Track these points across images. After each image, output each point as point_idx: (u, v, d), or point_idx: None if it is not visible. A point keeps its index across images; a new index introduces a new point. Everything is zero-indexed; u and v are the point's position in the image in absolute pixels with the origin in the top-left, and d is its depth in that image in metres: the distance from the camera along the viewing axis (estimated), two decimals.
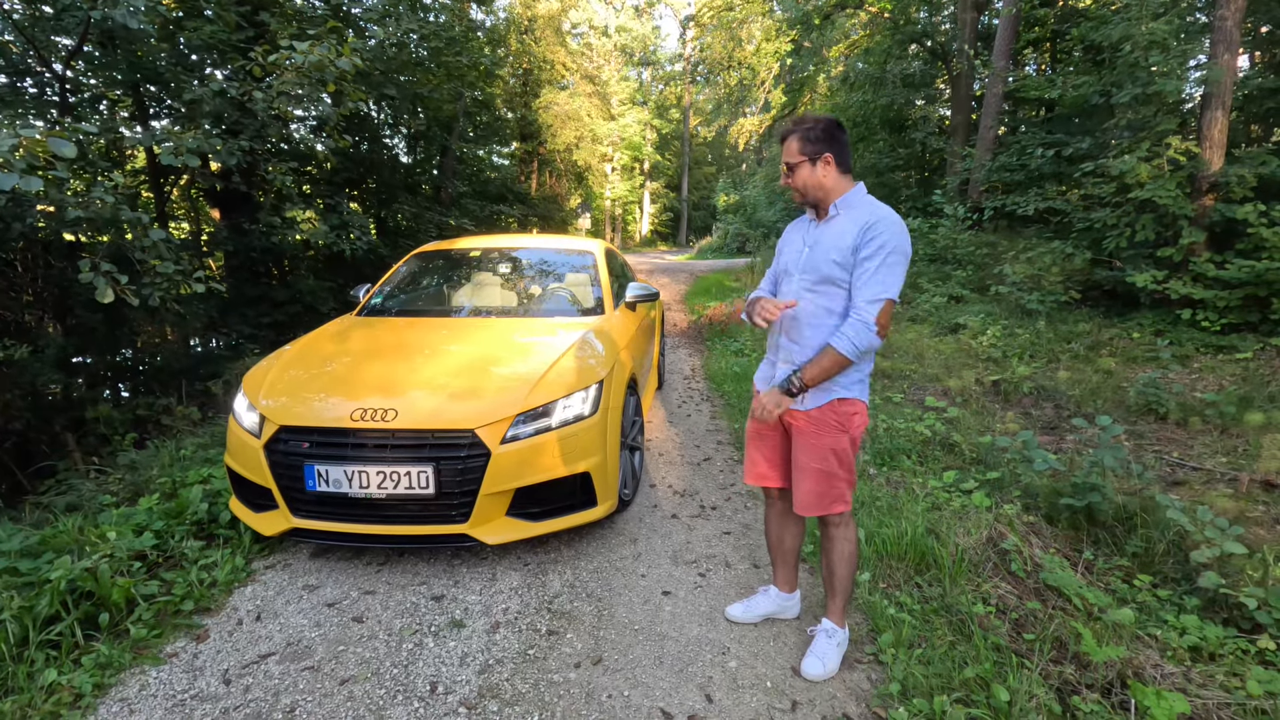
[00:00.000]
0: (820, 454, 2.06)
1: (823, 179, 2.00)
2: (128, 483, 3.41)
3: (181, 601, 2.50)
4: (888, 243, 1.89)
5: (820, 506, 2.09)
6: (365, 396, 2.72)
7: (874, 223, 1.90)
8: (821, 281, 2.01)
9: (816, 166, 1.99)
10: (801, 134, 2.00)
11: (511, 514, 2.72)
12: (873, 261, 1.89)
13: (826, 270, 1.98)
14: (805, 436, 2.08)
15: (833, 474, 2.06)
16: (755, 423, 2.27)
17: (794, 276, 2.10)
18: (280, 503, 2.71)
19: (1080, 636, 2.34)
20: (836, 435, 2.04)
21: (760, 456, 2.28)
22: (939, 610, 2.51)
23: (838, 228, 2.00)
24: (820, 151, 1.98)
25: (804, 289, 2.05)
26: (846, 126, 10.30)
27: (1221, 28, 6.45)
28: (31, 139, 2.76)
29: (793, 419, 2.11)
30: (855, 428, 2.06)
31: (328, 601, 2.57)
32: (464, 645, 2.30)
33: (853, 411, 2.04)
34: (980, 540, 3.04)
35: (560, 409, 2.79)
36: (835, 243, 1.98)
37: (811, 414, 2.06)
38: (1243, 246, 6.37)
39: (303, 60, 4.22)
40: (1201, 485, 4.01)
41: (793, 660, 2.27)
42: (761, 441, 2.27)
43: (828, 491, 2.08)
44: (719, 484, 3.81)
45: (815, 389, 2.02)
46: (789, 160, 2.03)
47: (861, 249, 1.91)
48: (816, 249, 2.03)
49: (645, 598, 2.61)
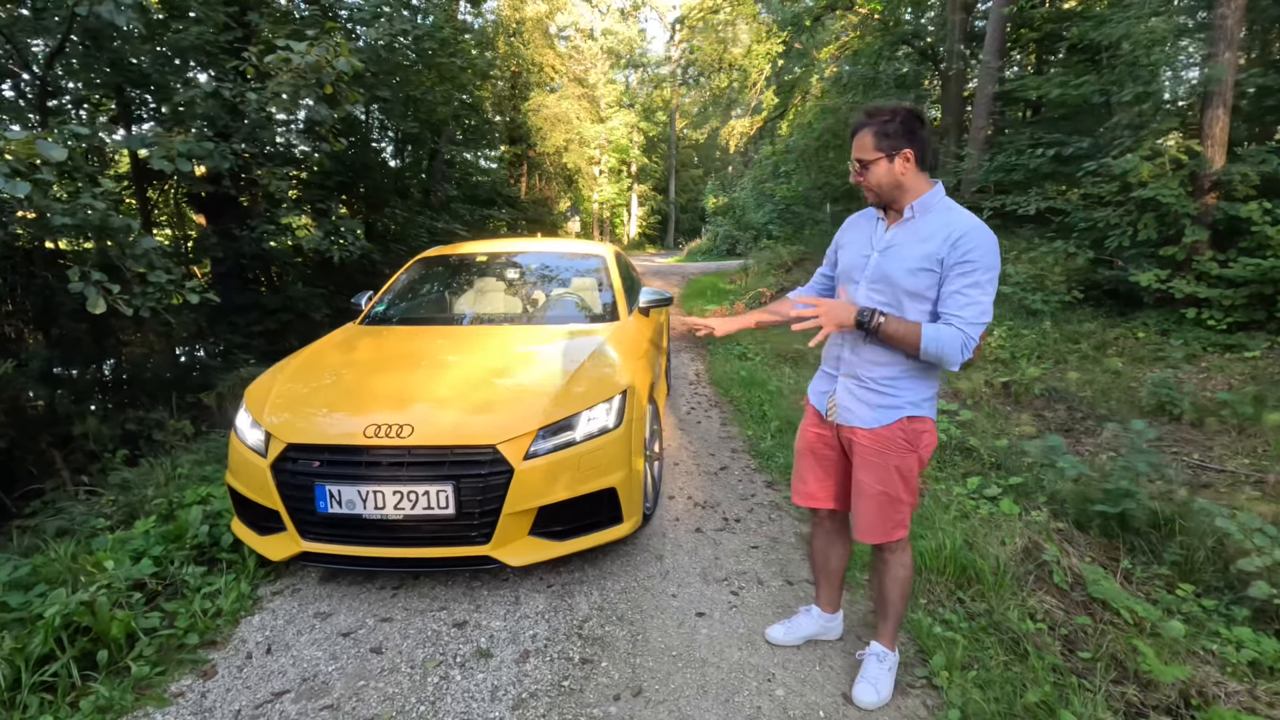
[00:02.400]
0: (884, 475, 1.91)
1: (901, 177, 1.80)
2: (121, 504, 3.22)
3: (185, 635, 2.34)
4: (983, 260, 1.72)
5: (882, 533, 1.96)
6: (378, 411, 2.57)
7: (965, 234, 1.73)
8: (892, 292, 1.84)
9: (895, 163, 1.79)
10: (877, 128, 1.79)
11: (534, 533, 2.58)
12: (966, 279, 1.72)
13: (901, 281, 1.81)
14: (869, 456, 1.93)
15: (896, 498, 1.92)
16: (808, 440, 2.12)
17: (858, 285, 1.92)
18: (288, 525, 2.55)
19: (1138, 653, 2.25)
20: (904, 454, 1.89)
21: (811, 475, 2.13)
22: (987, 628, 2.40)
23: (916, 233, 1.82)
24: (899, 147, 1.78)
25: (872, 298, 1.88)
26: (837, 129, 10.31)
27: (1222, 26, 6.44)
28: (19, 141, 2.58)
29: (854, 436, 1.96)
30: (925, 447, 1.92)
31: (342, 631, 2.42)
32: (493, 677, 2.15)
33: (923, 430, 1.90)
34: (1016, 551, 2.95)
35: (584, 422, 2.65)
36: (913, 251, 1.80)
37: (878, 432, 1.90)
38: (1246, 244, 6.36)
39: (300, 61, 4.05)
40: (1227, 488, 3.94)
41: (842, 686, 2.15)
42: (815, 459, 2.11)
43: (890, 517, 1.94)
44: (739, 494, 3.69)
45: (882, 406, 1.88)
46: (862, 157, 1.82)
47: (954, 264, 1.73)
48: (889, 256, 1.85)
49: (679, 620, 2.48)
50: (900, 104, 1.83)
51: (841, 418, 1.98)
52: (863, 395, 1.92)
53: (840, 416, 1.98)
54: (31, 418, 4.46)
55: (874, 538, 1.97)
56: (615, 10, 35.79)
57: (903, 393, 1.87)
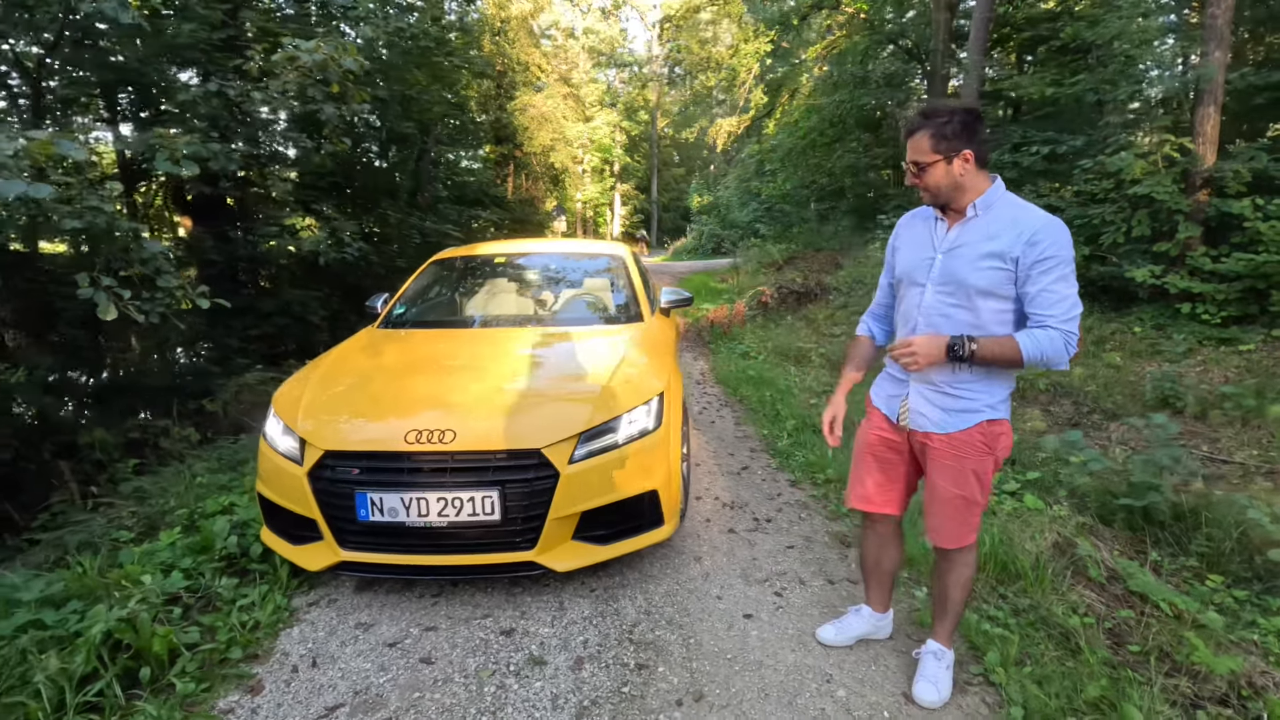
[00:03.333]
0: (962, 478, 1.88)
1: (960, 179, 1.77)
2: (140, 515, 3.14)
3: (227, 649, 2.28)
4: (1061, 253, 1.71)
5: (957, 538, 1.94)
6: (417, 416, 2.52)
7: (1039, 230, 1.71)
8: (963, 293, 1.81)
9: (953, 165, 1.76)
10: (934, 130, 1.76)
11: (578, 538, 2.55)
12: (1051, 275, 1.70)
13: (972, 280, 1.78)
14: (945, 460, 1.90)
15: (972, 501, 1.90)
16: (869, 443, 2.09)
17: (924, 287, 1.89)
18: (326, 534, 2.49)
19: (1187, 645, 2.28)
20: (981, 458, 1.87)
21: (870, 479, 2.10)
22: (1035, 624, 2.42)
23: (983, 232, 1.79)
24: (958, 148, 1.75)
25: (941, 300, 1.85)
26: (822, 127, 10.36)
27: (1212, 25, 6.57)
28: (37, 142, 2.49)
29: (929, 441, 1.92)
30: (1002, 449, 1.89)
31: (387, 641, 2.37)
32: (551, 685, 2.12)
33: (1000, 432, 1.88)
34: (1048, 546, 2.98)
35: (625, 424, 2.62)
36: (983, 250, 1.77)
37: (955, 437, 1.87)
38: (1238, 240, 6.48)
39: (308, 59, 3.97)
40: (1238, 479, 4.02)
41: (900, 685, 2.15)
42: (876, 463, 2.08)
43: (966, 520, 1.92)
44: (765, 494, 3.69)
45: (960, 411, 1.85)
46: (919, 159, 1.79)
47: (1033, 261, 1.71)
48: (956, 256, 1.82)
49: (728, 622, 2.47)
50: (959, 103, 1.82)
51: (915, 423, 1.94)
52: (939, 400, 1.89)
53: (914, 422, 1.94)
54: (33, 427, 4.32)
55: (949, 543, 1.96)
56: (596, 9, 35.75)
57: (980, 396, 1.85)
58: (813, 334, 8.53)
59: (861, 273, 10.70)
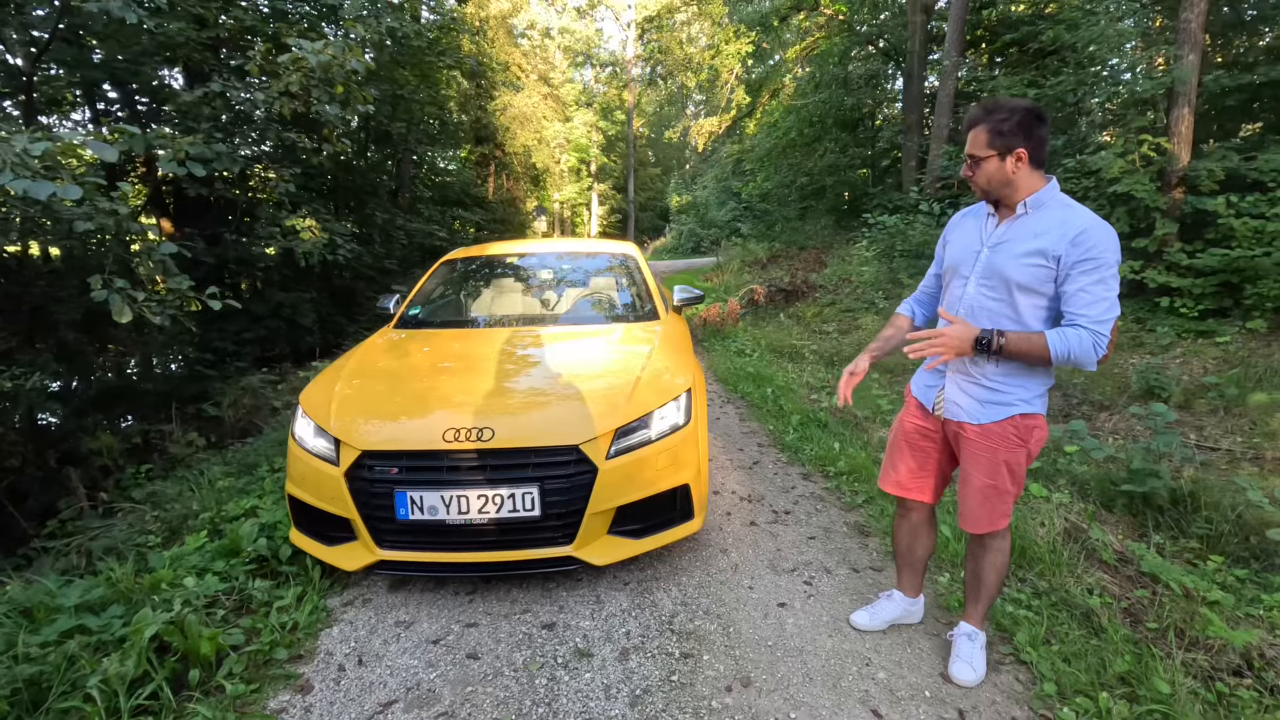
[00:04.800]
0: (993, 468, 1.94)
1: (1011, 176, 1.82)
2: (162, 520, 3.10)
3: (272, 650, 2.28)
4: (1104, 255, 1.73)
5: (988, 524, 2.01)
6: (453, 414, 2.54)
7: (1084, 231, 1.73)
8: (1004, 287, 1.85)
9: (1006, 162, 1.80)
10: (992, 125, 1.79)
11: (613, 532, 2.59)
12: (1090, 276, 1.73)
13: (1014, 275, 1.82)
14: (978, 450, 1.96)
15: (1004, 490, 1.96)
16: (905, 430, 2.17)
17: (967, 279, 1.94)
18: (362, 534, 2.50)
19: (1200, 619, 2.39)
20: (1014, 449, 1.93)
21: (904, 465, 2.18)
22: (1057, 605, 2.52)
23: (1029, 229, 1.83)
24: (1013, 145, 1.78)
25: (982, 294, 1.90)
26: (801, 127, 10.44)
27: (1186, 29, 6.82)
28: (65, 143, 2.46)
29: (962, 430, 1.99)
30: (1035, 442, 1.95)
31: (430, 638, 2.39)
32: (601, 676, 2.16)
33: (1034, 425, 1.93)
34: (1059, 532, 3.09)
35: (657, 419, 2.67)
36: (1027, 246, 1.81)
37: (988, 428, 1.93)
38: (1212, 236, 6.73)
39: (314, 60, 3.95)
40: (1226, 465, 4.20)
41: (937, 666, 2.23)
42: (910, 450, 2.16)
43: (997, 508, 1.99)
44: (779, 488, 3.76)
45: (994, 403, 1.91)
46: (975, 153, 1.83)
47: (1074, 261, 1.74)
48: (1001, 251, 1.87)
49: (763, 611, 2.53)
50: (1021, 101, 1.84)
51: (950, 413, 2.01)
52: (974, 391, 1.95)
53: (949, 411, 2.01)
54: (39, 434, 4.22)
55: (980, 528, 2.03)
56: (572, 9, 35.69)
57: (1015, 389, 1.90)
58: (804, 331, 8.66)
59: (847, 270, 10.87)
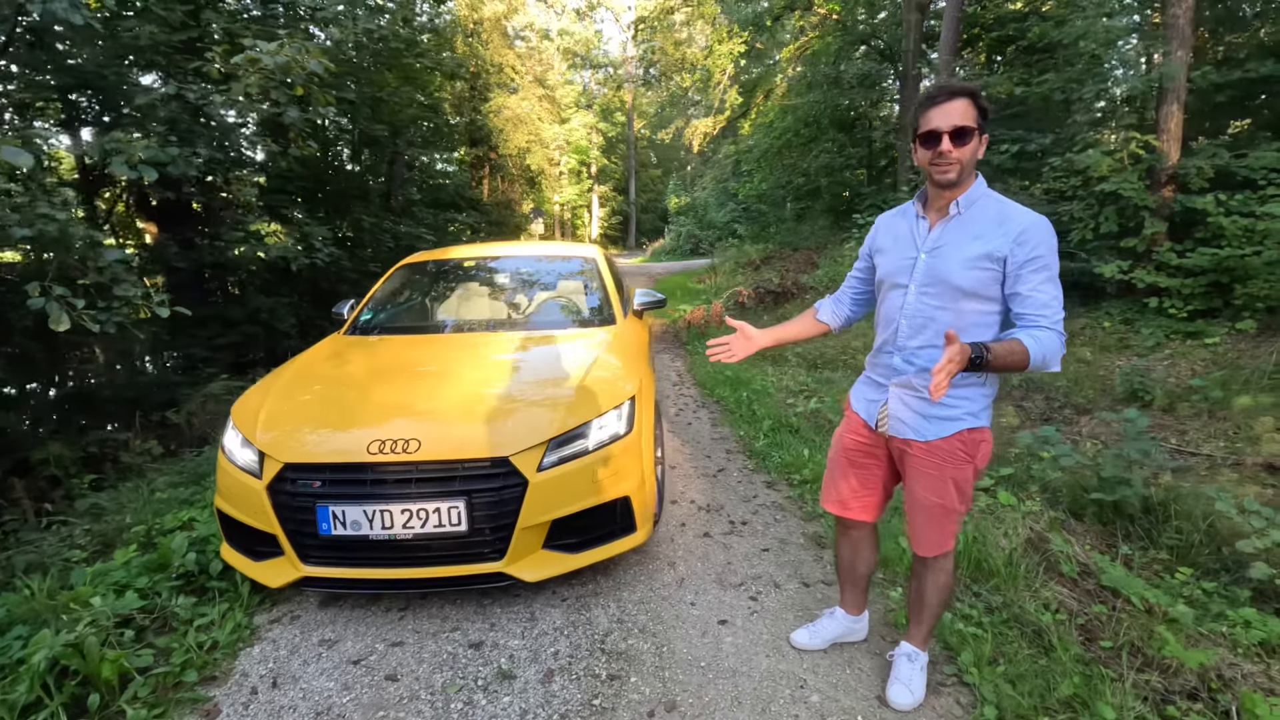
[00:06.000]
0: (940, 486, 1.83)
1: (976, 159, 1.71)
2: (96, 533, 3.02)
3: (182, 671, 2.19)
4: (1049, 252, 1.65)
5: (939, 545, 1.91)
6: (380, 425, 2.46)
7: (1027, 229, 1.64)
8: (949, 294, 1.73)
9: (980, 142, 1.69)
10: (977, 100, 1.66)
11: (548, 547, 2.50)
12: (1040, 275, 1.64)
13: (960, 281, 1.71)
14: (923, 468, 1.85)
15: (951, 509, 1.85)
16: (845, 446, 2.05)
17: (907, 289, 1.81)
18: (287, 549, 2.42)
19: (1157, 638, 2.28)
20: (960, 466, 1.81)
21: (845, 484, 2.06)
22: (1008, 621, 2.41)
23: (967, 231, 1.72)
24: (984, 128, 1.68)
25: (925, 302, 1.77)
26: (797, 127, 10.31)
27: (1174, 25, 6.69)
28: None
29: (907, 448, 1.87)
30: (982, 457, 1.83)
31: (352, 658, 2.30)
32: (520, 700, 2.07)
33: (981, 439, 1.82)
34: (1021, 542, 2.98)
35: (596, 430, 2.58)
36: (971, 251, 1.70)
37: (934, 445, 1.81)
38: (1202, 235, 6.61)
39: (270, 62, 3.87)
40: (1206, 471, 4.08)
41: (874, 688, 2.13)
42: (851, 467, 2.04)
43: (945, 528, 1.88)
44: (741, 496, 3.66)
45: (941, 418, 1.80)
46: (962, 123, 1.64)
47: (1022, 261, 1.65)
48: (941, 257, 1.75)
49: (702, 629, 2.43)
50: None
51: (894, 429, 1.89)
52: (919, 406, 1.83)
53: (893, 428, 1.89)
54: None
55: (931, 550, 1.92)
56: (571, 11, 35.70)
57: (961, 403, 1.79)
58: None
59: (837, 271, 10.76)
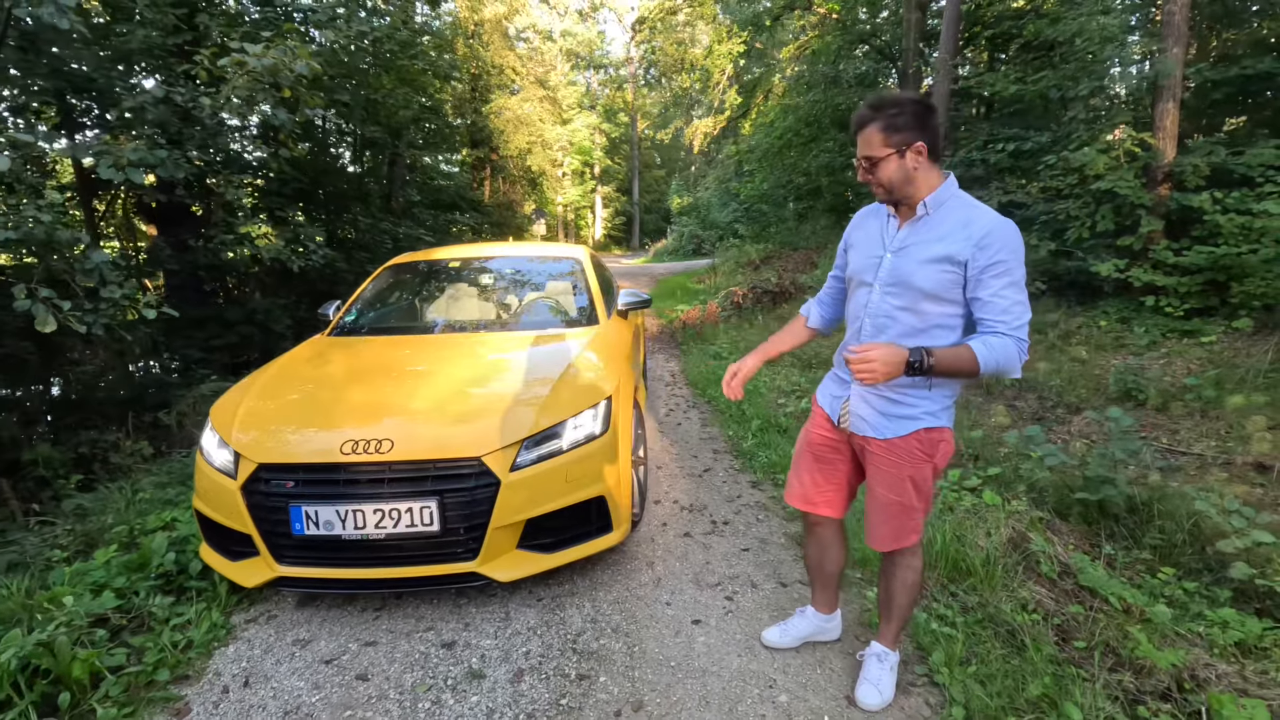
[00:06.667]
0: (898, 484, 1.84)
1: (913, 172, 1.68)
2: (78, 533, 3.04)
3: (155, 670, 2.20)
4: (1013, 256, 1.63)
5: (894, 540, 1.91)
6: (355, 426, 2.47)
7: (989, 232, 1.63)
8: (911, 295, 1.73)
9: (906, 159, 1.67)
10: (885, 122, 1.65)
11: (523, 546, 2.50)
12: (1001, 280, 1.63)
13: (920, 283, 1.70)
14: (882, 465, 1.85)
15: (909, 507, 1.85)
16: (810, 442, 2.05)
17: (872, 287, 1.81)
18: (262, 549, 2.43)
19: (1131, 639, 2.27)
20: (919, 464, 1.82)
21: (809, 479, 2.06)
22: (983, 621, 2.40)
23: (932, 232, 1.71)
24: (910, 140, 1.65)
25: (888, 302, 1.77)
26: (797, 127, 10.27)
27: (1170, 22, 6.65)
28: None
29: (867, 445, 1.87)
30: (941, 456, 1.83)
31: (324, 658, 2.31)
32: (488, 700, 2.07)
33: (940, 439, 1.82)
34: (1003, 542, 2.97)
35: (570, 429, 2.58)
36: (932, 252, 1.69)
37: (893, 443, 1.82)
38: (1198, 233, 6.56)
39: (257, 64, 3.89)
40: (1196, 470, 4.05)
41: (844, 688, 2.12)
42: (816, 463, 2.04)
43: (904, 524, 1.88)
44: (725, 496, 3.66)
45: (899, 416, 1.80)
46: (870, 154, 1.69)
47: (983, 265, 1.63)
48: (905, 257, 1.74)
49: (675, 629, 2.43)
50: (908, 94, 1.72)
51: (855, 426, 1.89)
52: (878, 404, 1.83)
53: (853, 425, 1.90)
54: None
55: (885, 546, 1.93)
56: (574, 12, 35.73)
57: (920, 402, 1.79)
58: None
59: None
